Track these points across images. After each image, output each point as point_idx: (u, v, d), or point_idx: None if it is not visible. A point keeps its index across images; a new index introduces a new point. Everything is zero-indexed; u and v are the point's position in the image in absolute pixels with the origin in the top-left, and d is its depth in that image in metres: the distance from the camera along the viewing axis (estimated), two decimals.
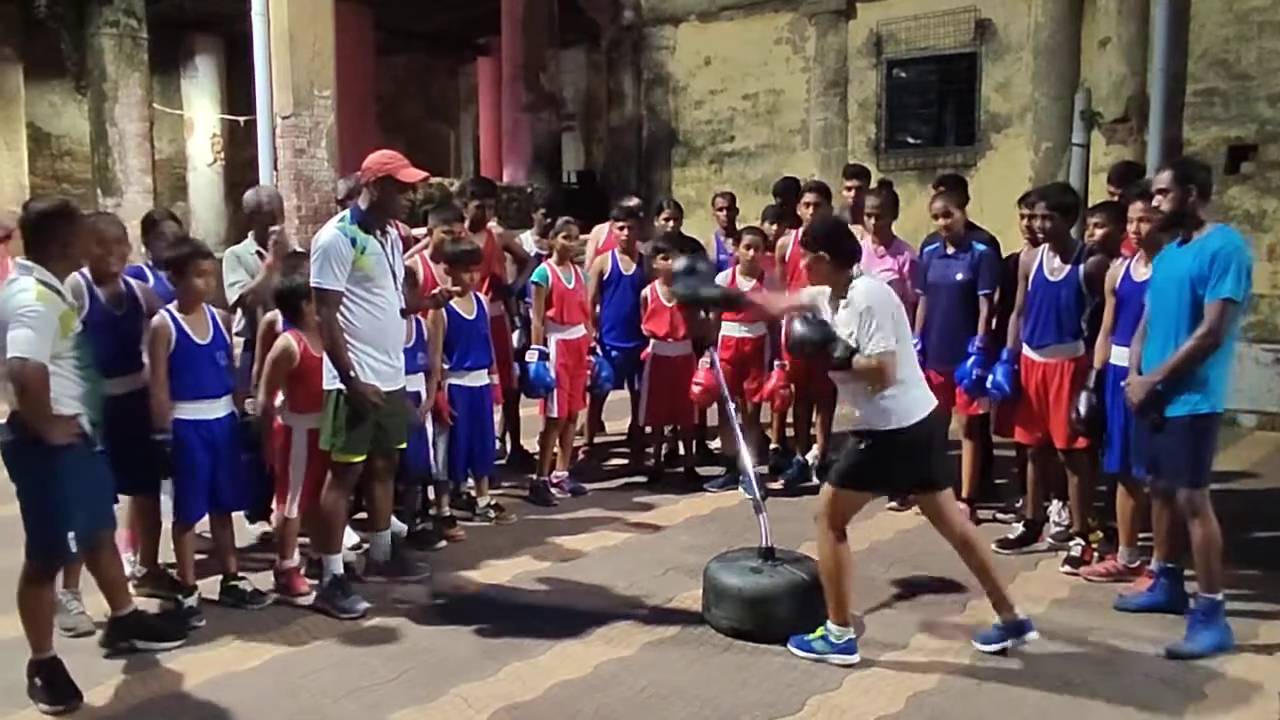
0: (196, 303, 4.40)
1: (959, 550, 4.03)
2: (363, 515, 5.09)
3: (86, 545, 3.80)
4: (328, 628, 4.32)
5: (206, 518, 4.51)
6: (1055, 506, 5.35)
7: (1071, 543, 5.04)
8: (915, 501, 4.55)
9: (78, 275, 4.20)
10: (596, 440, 7.35)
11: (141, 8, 11.08)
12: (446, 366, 5.44)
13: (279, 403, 4.66)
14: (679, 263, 4.74)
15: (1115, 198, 5.41)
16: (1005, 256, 5.66)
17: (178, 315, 4.33)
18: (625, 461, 7.00)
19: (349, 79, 11.53)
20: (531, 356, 5.99)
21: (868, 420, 3.92)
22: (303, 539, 4.81)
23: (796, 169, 9.84)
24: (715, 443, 6.94)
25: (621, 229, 6.69)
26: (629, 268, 6.64)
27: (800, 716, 3.56)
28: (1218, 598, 4.06)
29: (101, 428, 3.74)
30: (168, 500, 4.35)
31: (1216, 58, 8.47)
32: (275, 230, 5.26)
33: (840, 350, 3.84)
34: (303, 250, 5.09)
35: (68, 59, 11.39)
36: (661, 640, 4.19)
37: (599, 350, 6.45)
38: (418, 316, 5.13)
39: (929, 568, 4.83)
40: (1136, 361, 4.30)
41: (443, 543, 5.36)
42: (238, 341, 4.98)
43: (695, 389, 6.13)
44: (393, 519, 4.98)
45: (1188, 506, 4.05)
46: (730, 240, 6.96)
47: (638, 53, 12.38)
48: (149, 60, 11.42)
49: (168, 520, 4.45)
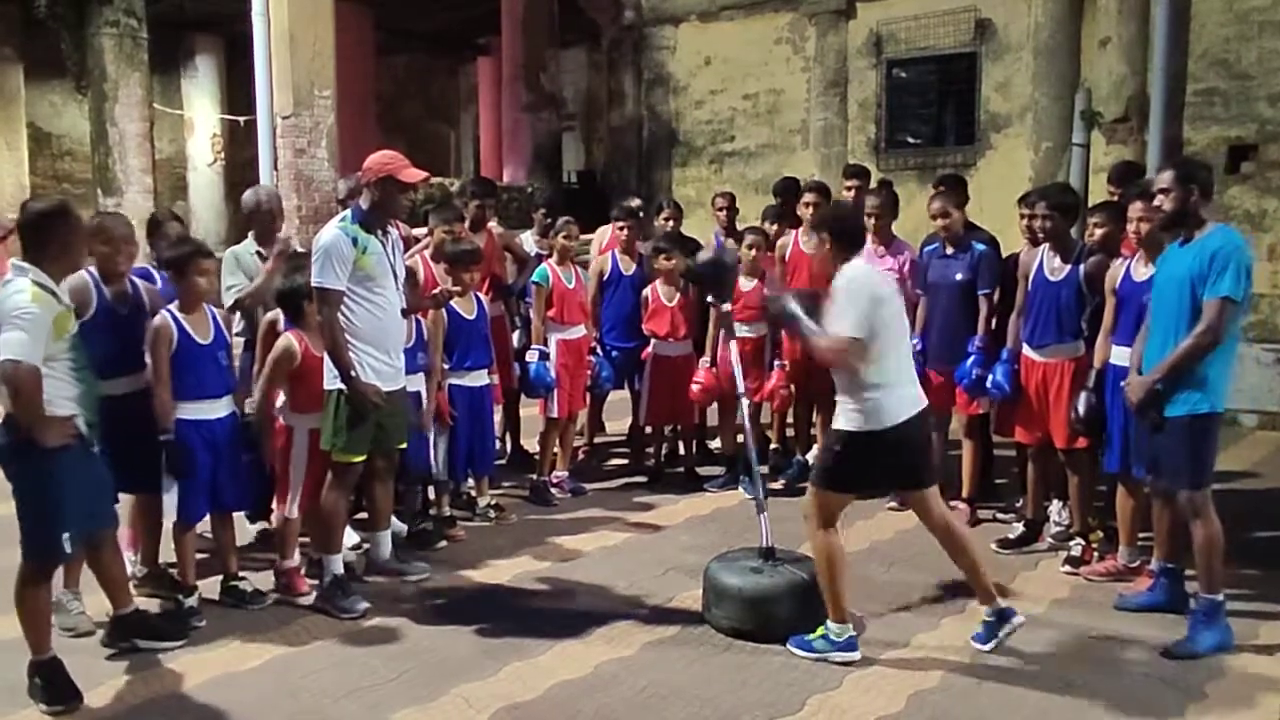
0: (198, 302, 4.40)
1: (941, 540, 4.03)
2: (363, 515, 5.10)
3: (87, 545, 3.80)
4: (328, 628, 4.32)
5: (207, 517, 4.51)
6: (1055, 506, 5.35)
7: (1072, 542, 5.04)
8: (901, 496, 4.53)
9: (85, 274, 4.20)
10: (596, 440, 7.35)
11: (141, 8, 11.08)
12: (447, 366, 5.44)
13: (280, 402, 4.66)
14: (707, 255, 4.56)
15: (1115, 198, 5.41)
16: (1005, 256, 5.67)
17: (179, 315, 4.32)
18: (625, 461, 7.00)
19: (349, 79, 11.53)
20: (532, 356, 5.99)
21: (846, 418, 3.88)
22: (302, 539, 4.80)
23: (796, 169, 9.84)
24: (715, 443, 6.93)
25: (621, 229, 6.69)
26: (629, 268, 6.64)
27: (800, 716, 3.55)
28: (1219, 598, 4.05)
29: (99, 428, 3.73)
30: (170, 499, 4.35)
31: (1217, 57, 8.47)
32: (281, 240, 5.24)
33: (801, 327, 3.84)
34: (304, 251, 5.09)
35: (68, 59, 11.39)
36: (662, 640, 4.19)
37: (599, 350, 6.46)
38: (418, 316, 5.14)
39: (929, 568, 4.82)
40: (1138, 362, 4.30)
41: (443, 543, 5.36)
42: (237, 342, 4.98)
43: (695, 388, 6.14)
44: (393, 519, 4.99)
45: (1189, 507, 4.05)
46: (730, 240, 6.96)
47: (638, 53, 12.38)
48: (149, 60, 11.42)
49: (169, 520, 4.45)
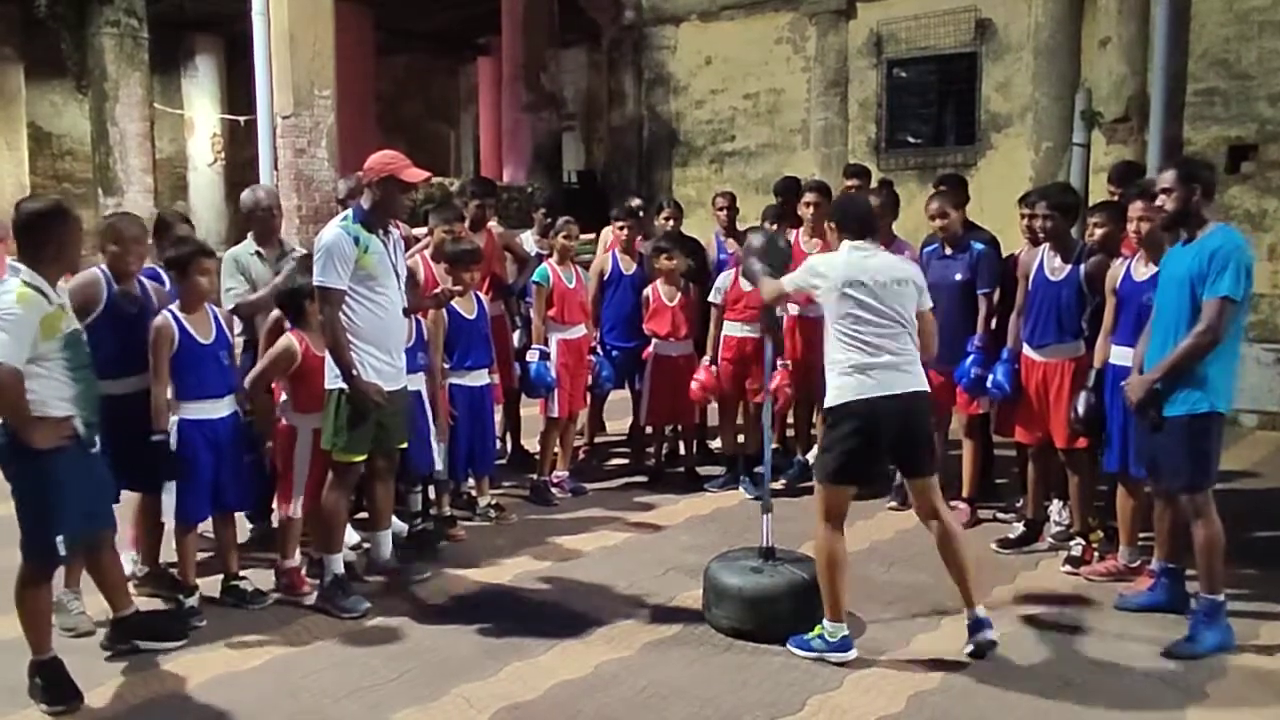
0: (200, 302, 4.40)
1: (931, 529, 4.02)
2: (363, 515, 5.10)
3: (85, 546, 3.80)
4: (329, 627, 4.32)
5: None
6: (1056, 506, 5.35)
7: (1072, 542, 5.04)
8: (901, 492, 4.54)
9: (98, 270, 4.21)
10: (597, 440, 7.35)
11: (142, 7, 11.07)
12: (447, 366, 5.44)
13: (282, 401, 4.67)
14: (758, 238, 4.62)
15: (1115, 197, 5.41)
16: (1005, 256, 5.67)
17: (180, 315, 4.32)
18: (625, 461, 7.00)
19: (349, 79, 11.52)
20: (532, 356, 5.99)
21: (828, 396, 4.01)
22: (303, 538, 4.80)
23: (797, 169, 9.84)
24: (716, 443, 6.94)
25: (621, 229, 6.69)
26: (629, 268, 6.65)
27: (801, 716, 3.55)
28: (1219, 598, 4.05)
29: (99, 428, 3.72)
30: (169, 499, 4.35)
31: (1217, 57, 8.47)
32: (291, 263, 5.04)
33: (753, 266, 4.31)
34: (305, 252, 5.08)
35: (68, 59, 11.37)
36: (662, 640, 4.19)
37: (600, 350, 6.46)
38: (418, 316, 5.14)
39: (929, 568, 4.80)
40: (1140, 362, 4.29)
41: (443, 543, 5.35)
42: (238, 342, 4.98)
43: (694, 387, 6.14)
44: (393, 519, 4.99)
45: (1190, 507, 4.05)
46: (730, 240, 6.96)
47: (638, 52, 12.38)
48: (149, 60, 11.40)
49: (169, 520, 4.44)
